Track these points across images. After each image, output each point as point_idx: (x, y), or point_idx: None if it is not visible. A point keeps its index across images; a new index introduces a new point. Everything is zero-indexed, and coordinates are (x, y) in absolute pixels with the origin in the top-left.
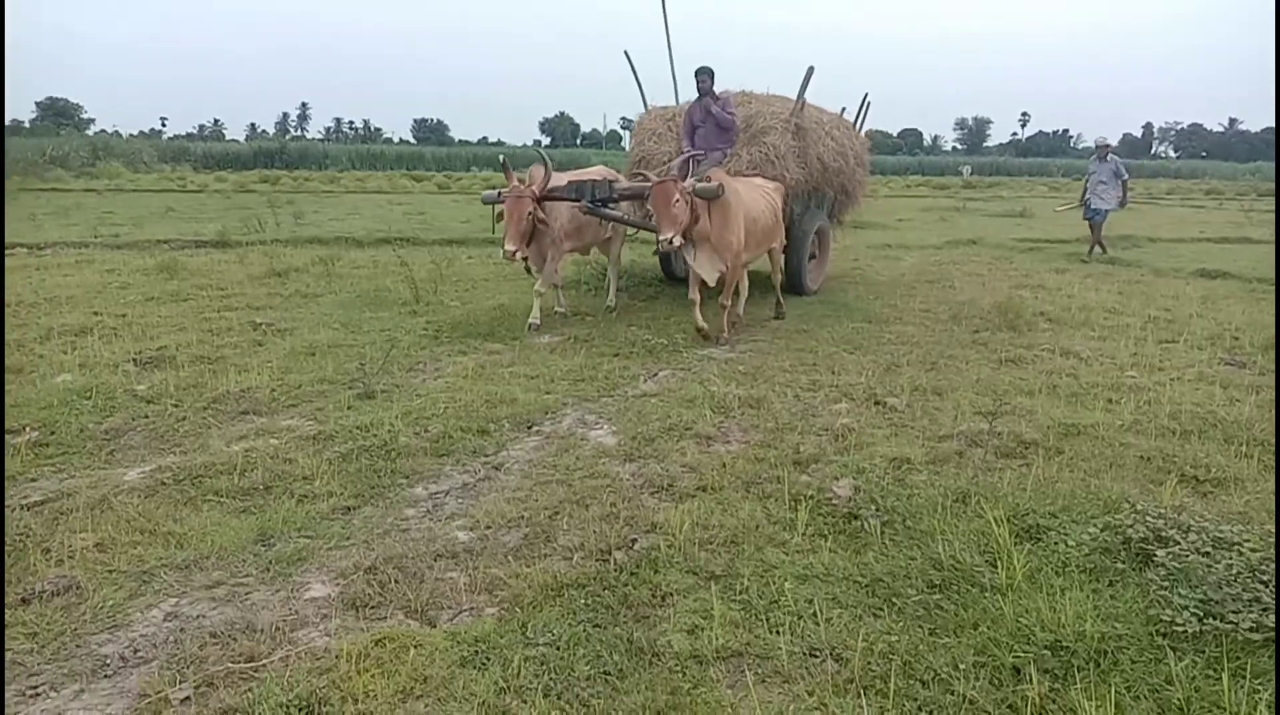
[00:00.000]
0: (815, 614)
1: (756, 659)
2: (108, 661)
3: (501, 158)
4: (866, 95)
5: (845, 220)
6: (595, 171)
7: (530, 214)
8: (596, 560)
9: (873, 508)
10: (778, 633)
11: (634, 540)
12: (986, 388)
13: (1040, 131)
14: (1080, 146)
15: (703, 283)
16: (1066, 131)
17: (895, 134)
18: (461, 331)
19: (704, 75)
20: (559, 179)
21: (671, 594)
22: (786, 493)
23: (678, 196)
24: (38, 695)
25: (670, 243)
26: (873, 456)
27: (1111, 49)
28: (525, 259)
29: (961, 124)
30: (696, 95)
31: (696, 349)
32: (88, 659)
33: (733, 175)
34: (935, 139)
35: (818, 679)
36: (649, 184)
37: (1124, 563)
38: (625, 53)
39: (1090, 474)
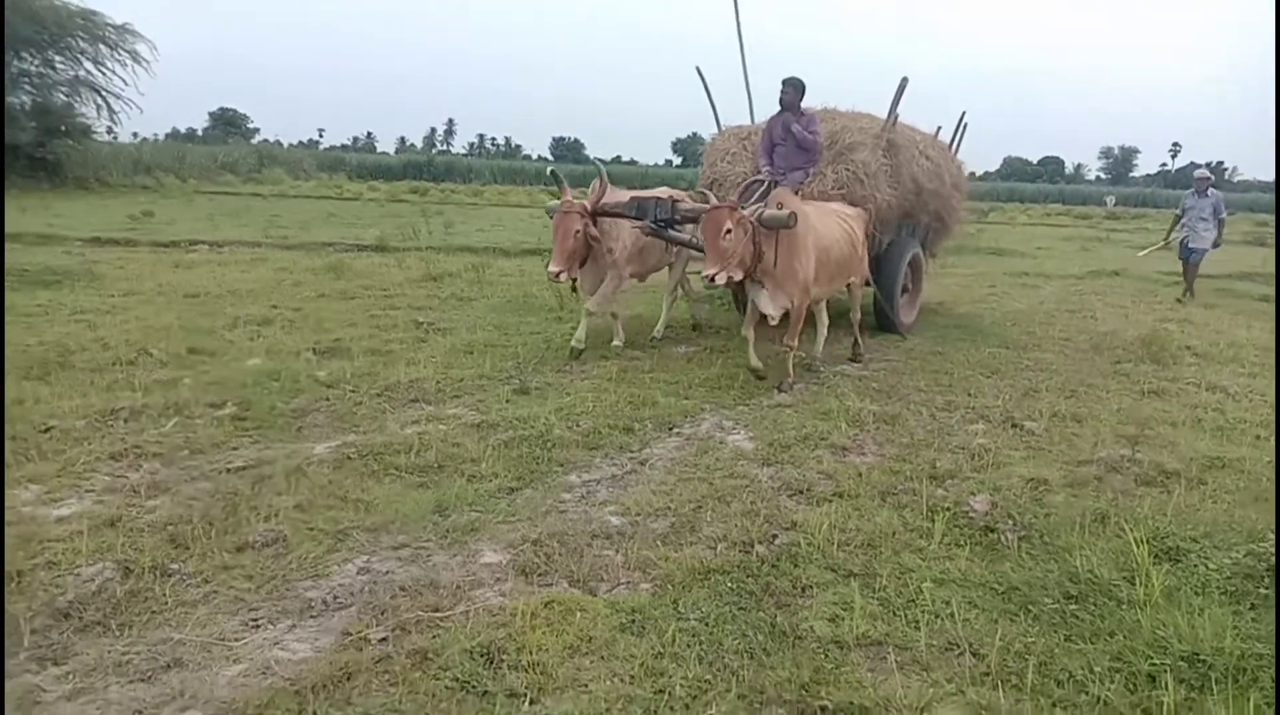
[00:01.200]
0: (953, 614)
1: (896, 648)
2: (313, 604)
3: (551, 170)
4: (963, 115)
5: (939, 252)
6: (660, 192)
7: (580, 232)
8: (739, 551)
9: (1010, 522)
10: (916, 627)
11: (774, 536)
12: (1128, 417)
13: (1192, 163)
14: (1237, 179)
15: (763, 317)
16: (1222, 163)
17: (1035, 161)
18: (604, 337)
19: (790, 87)
20: (619, 196)
21: (811, 586)
22: (923, 504)
23: (729, 226)
24: (258, 627)
25: (713, 280)
26: (1009, 476)
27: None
28: (574, 280)
29: (1107, 153)
30: (778, 109)
31: (830, 365)
32: (296, 600)
33: (807, 197)
34: (1078, 167)
35: (956, 670)
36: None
37: (1267, 589)
38: (697, 69)
39: (1234, 505)
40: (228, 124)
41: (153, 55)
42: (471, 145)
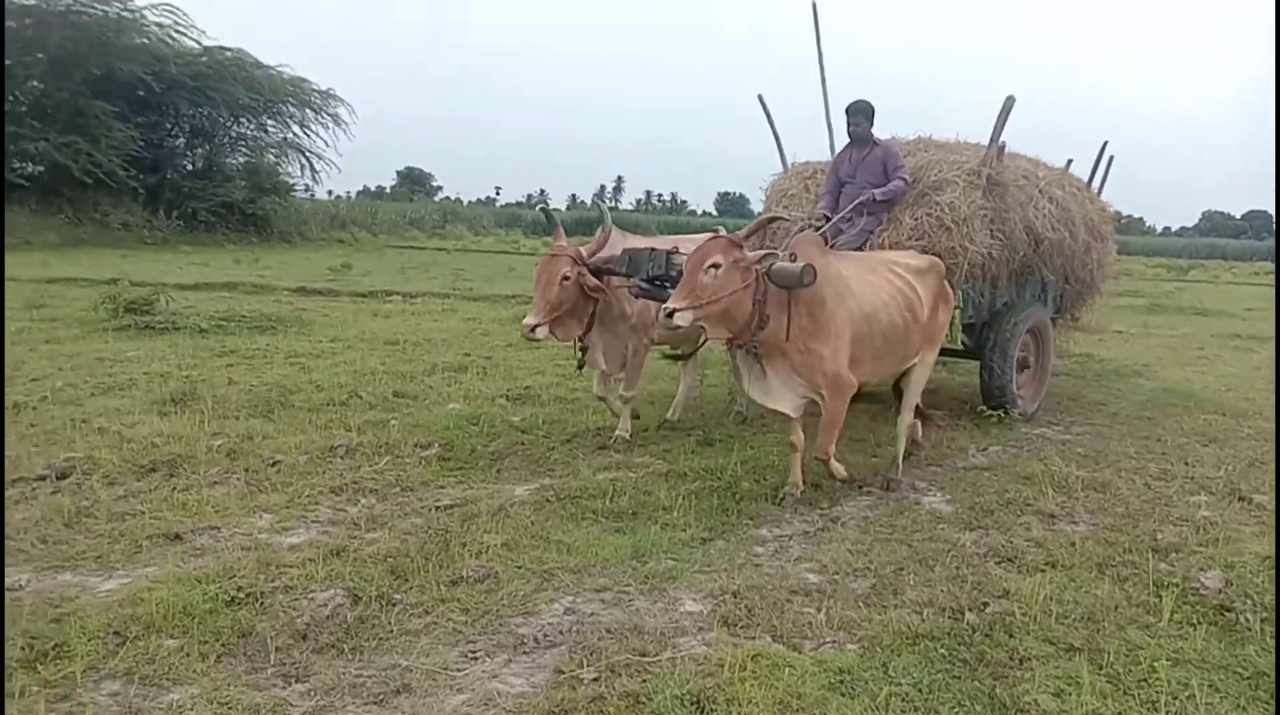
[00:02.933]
0: (1193, 696)
1: None
2: (525, 640)
3: (541, 208)
4: (1105, 145)
5: (1080, 317)
6: (663, 240)
7: (569, 279)
8: (948, 617)
9: (1248, 602)
10: (1154, 709)
11: (985, 604)
12: None
13: None
14: None
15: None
16: None
17: (1239, 216)
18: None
19: (858, 114)
20: (627, 242)
21: (1029, 658)
22: (1147, 578)
23: (717, 260)
24: (476, 659)
25: (670, 317)
26: (1241, 552)
27: None
28: (581, 352)
29: None
30: (847, 141)
31: (1026, 427)
32: (509, 636)
33: (853, 247)
34: None
35: None
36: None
37: None
38: (759, 97)
39: None
40: (414, 182)
41: (351, 118)
42: (639, 201)
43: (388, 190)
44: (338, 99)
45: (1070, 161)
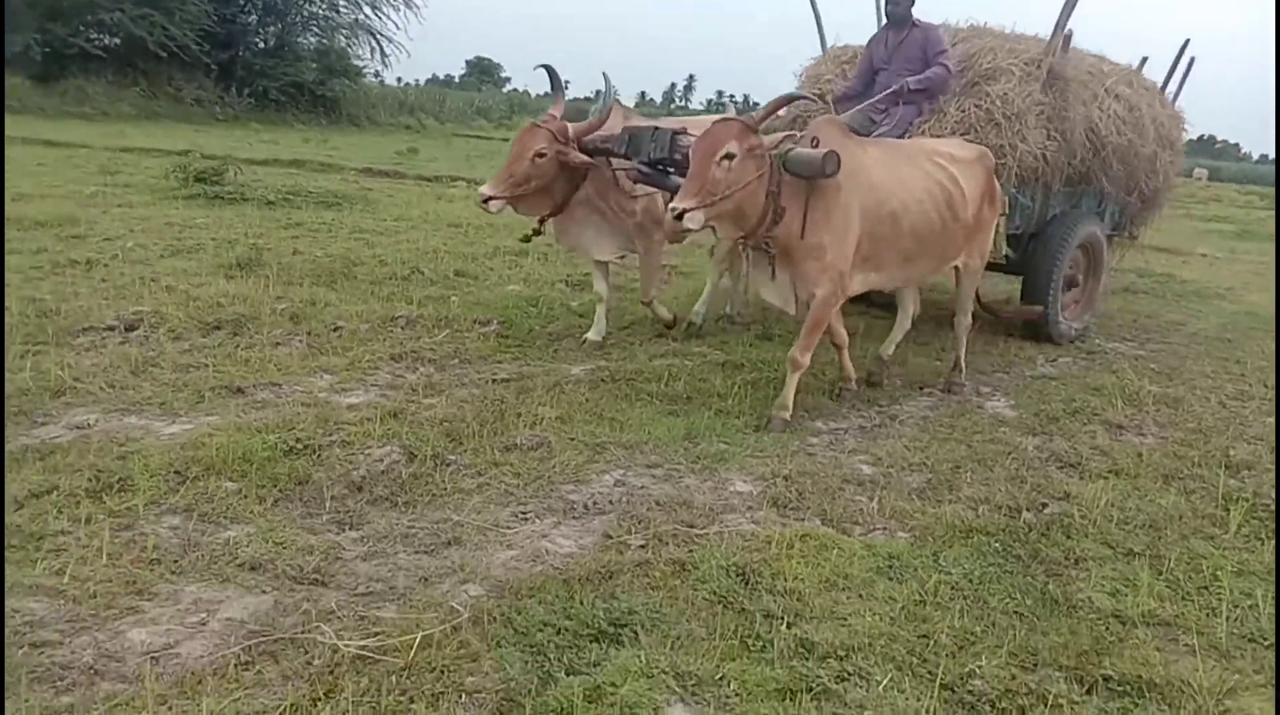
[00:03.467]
0: (1255, 606)
1: (1189, 631)
2: (574, 506)
3: (543, 66)
4: (1186, 44)
5: (1139, 234)
6: (673, 121)
7: (544, 156)
8: (1004, 515)
9: None
10: (1213, 614)
11: (1043, 505)
12: None
13: None
14: None
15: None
16: None
17: None
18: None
19: None
20: (630, 122)
21: (1086, 559)
22: (1215, 492)
23: (730, 149)
24: (526, 519)
25: (680, 217)
26: None
27: None
28: (537, 224)
29: None
30: (884, 22)
31: (1099, 339)
32: (559, 501)
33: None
34: None
35: (1262, 662)
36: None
37: None
38: None
39: None
40: (482, 72)
41: (422, 2)
42: (709, 102)
43: (456, 79)
44: None
45: (1144, 60)
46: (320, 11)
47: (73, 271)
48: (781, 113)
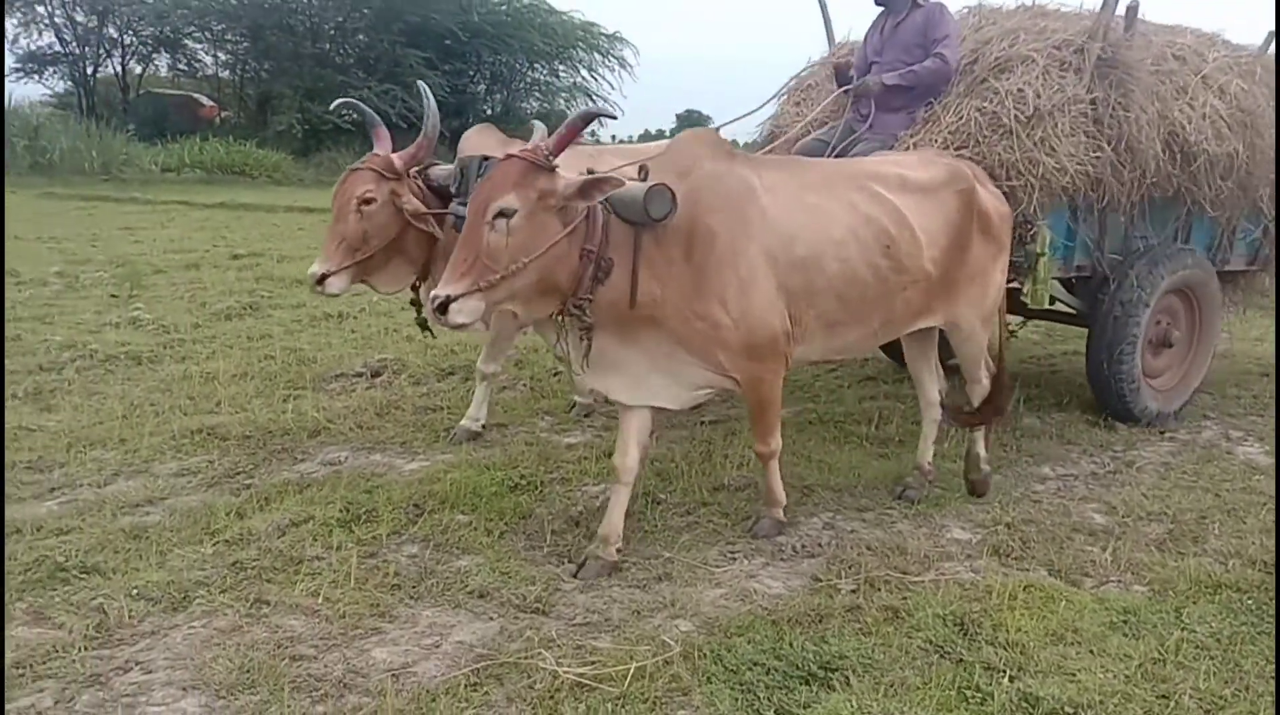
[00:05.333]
0: None
1: None
2: (783, 547)
3: (342, 103)
4: None
5: (1261, 278)
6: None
7: (372, 203)
8: (1259, 571)
9: None
10: None
11: None
12: None
13: None
14: None
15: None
16: None
17: None
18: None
19: None
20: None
21: None
22: None
23: (504, 204)
24: (734, 559)
25: (443, 309)
26: None
27: None
28: (415, 304)
29: None
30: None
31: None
32: (768, 542)
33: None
34: None
35: None
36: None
37: None
38: None
39: None
40: (693, 124)
41: (635, 60)
42: None
43: (667, 133)
44: (624, 41)
45: (1271, 36)
46: (542, 78)
47: (326, 324)
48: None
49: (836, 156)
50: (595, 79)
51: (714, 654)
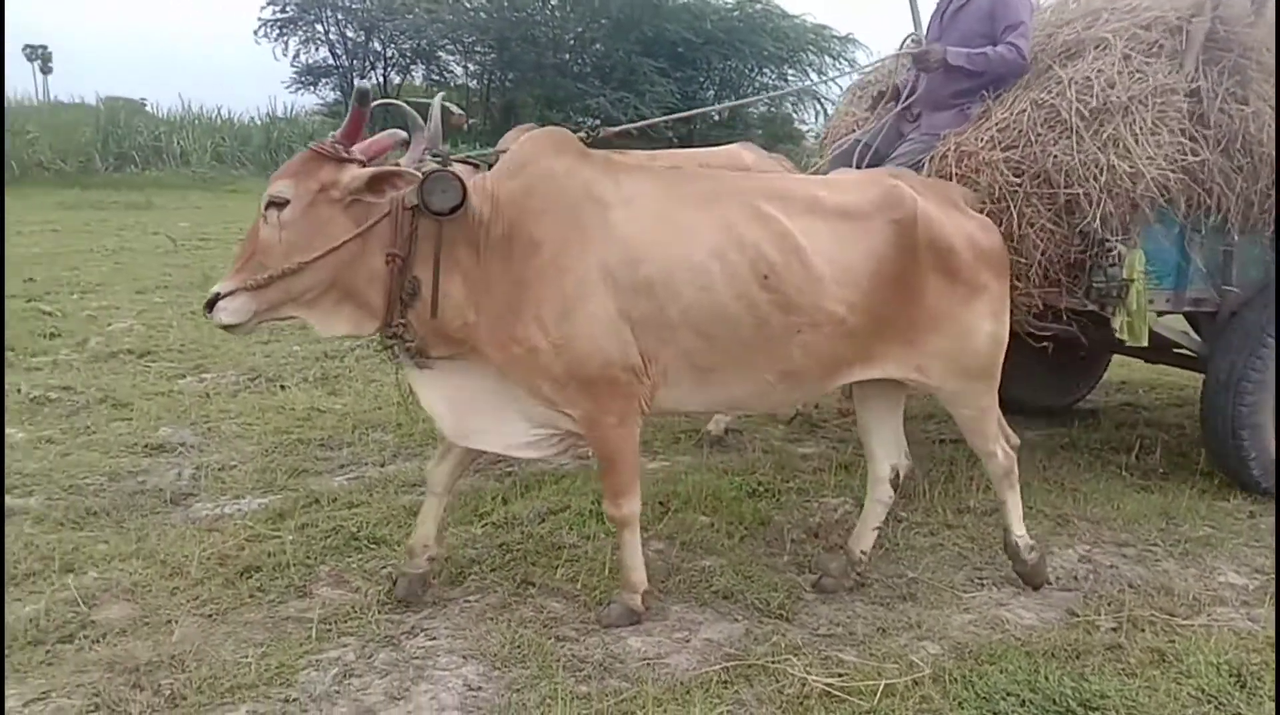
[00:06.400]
0: None
1: None
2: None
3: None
4: None
5: None
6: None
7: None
8: None
9: None
10: None
11: None
12: None
13: None
14: None
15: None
16: None
17: None
18: None
19: None
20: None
21: None
22: None
23: (277, 193)
24: (982, 586)
25: (209, 310)
26: None
27: None
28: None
29: None
30: None
31: None
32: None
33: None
34: None
35: None
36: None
37: None
38: None
39: None
40: None
41: (869, 61)
42: None
43: None
44: (856, 43)
45: None
46: (770, 81)
47: None
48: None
49: (874, 162)
50: (825, 84)
51: (965, 680)
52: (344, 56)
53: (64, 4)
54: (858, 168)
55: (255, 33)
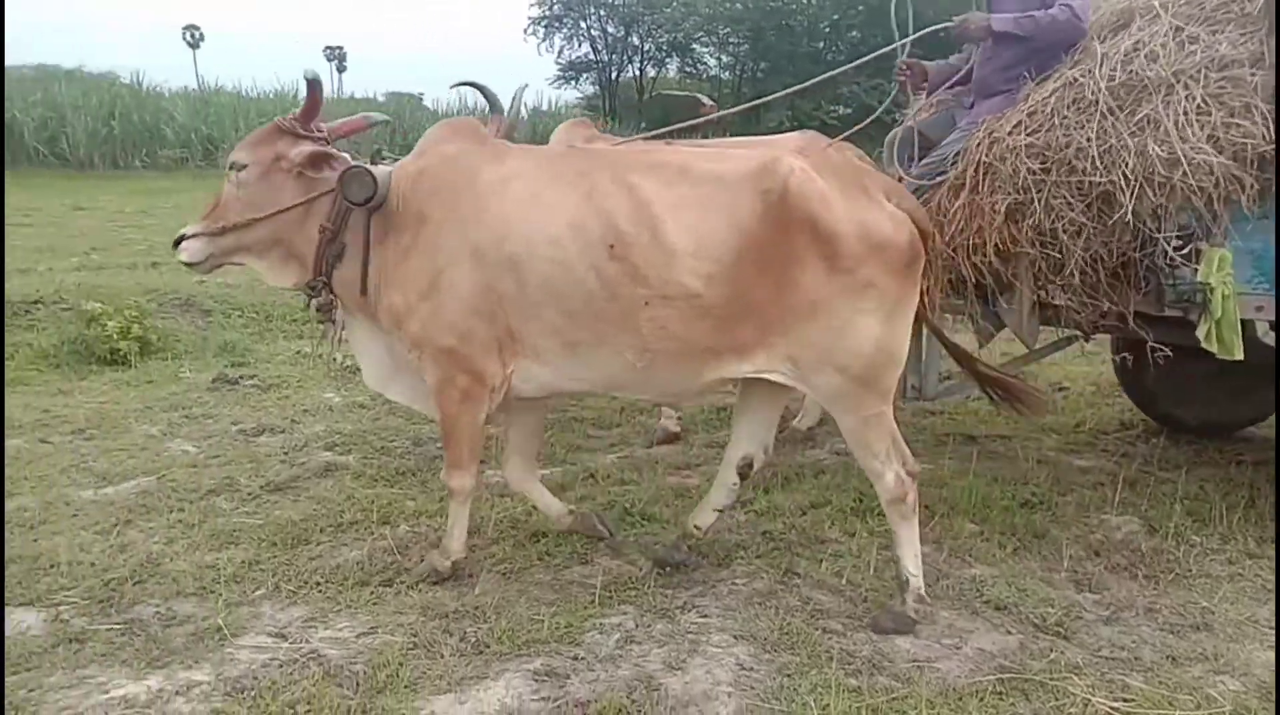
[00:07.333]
0: None
1: None
2: None
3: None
4: None
5: None
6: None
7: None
8: None
9: None
10: None
11: None
12: None
13: None
14: None
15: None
16: None
17: None
18: None
19: None
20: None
21: None
22: None
23: (238, 157)
24: None
25: (176, 247)
26: None
27: None
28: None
29: None
30: None
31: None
32: None
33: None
34: None
35: None
36: None
37: None
38: None
39: None
40: None
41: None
42: None
43: None
44: None
45: None
46: None
47: None
48: None
49: (926, 151)
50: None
51: None
52: (603, 51)
53: (360, 11)
54: (908, 157)
55: (524, 31)
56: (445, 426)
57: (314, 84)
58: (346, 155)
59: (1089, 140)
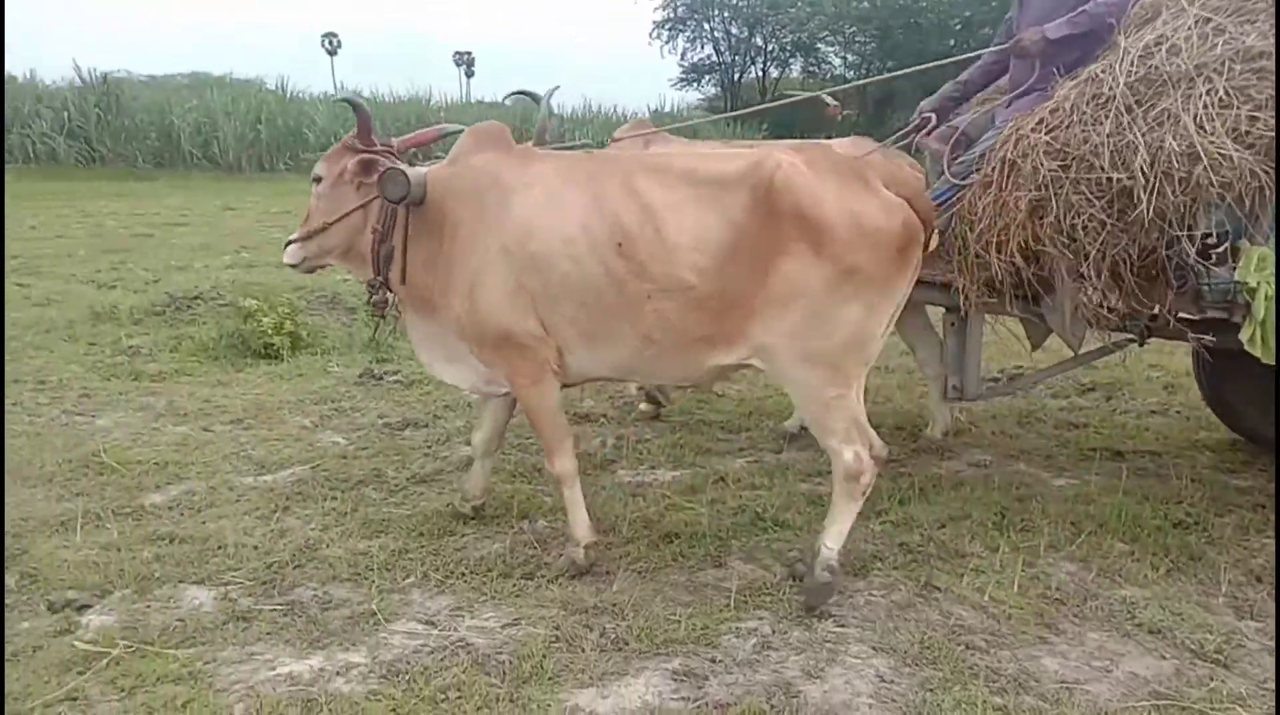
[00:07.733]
0: None
1: None
2: None
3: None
4: None
5: None
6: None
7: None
8: None
9: None
10: None
11: None
12: None
13: None
14: None
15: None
16: None
17: None
18: None
19: None
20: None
21: None
22: None
23: (316, 172)
24: None
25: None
26: None
27: None
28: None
29: None
30: None
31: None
32: None
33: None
34: None
35: None
36: None
37: None
38: None
39: None
40: None
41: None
42: None
43: None
44: None
45: None
46: None
47: None
48: None
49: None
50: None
51: None
52: (726, 53)
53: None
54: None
55: (649, 34)
56: (529, 416)
57: (357, 107)
58: (403, 164)
59: (1106, 136)
